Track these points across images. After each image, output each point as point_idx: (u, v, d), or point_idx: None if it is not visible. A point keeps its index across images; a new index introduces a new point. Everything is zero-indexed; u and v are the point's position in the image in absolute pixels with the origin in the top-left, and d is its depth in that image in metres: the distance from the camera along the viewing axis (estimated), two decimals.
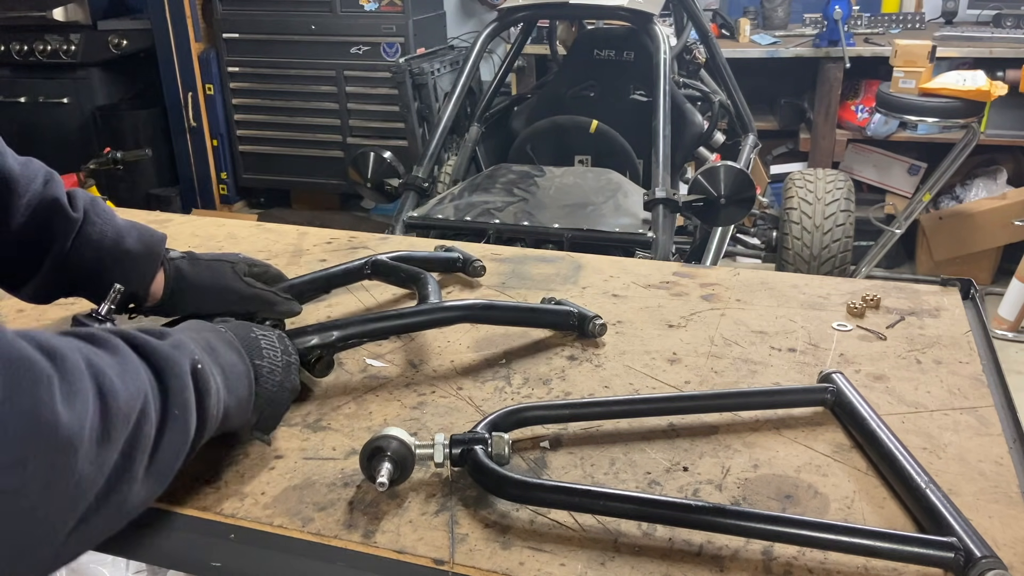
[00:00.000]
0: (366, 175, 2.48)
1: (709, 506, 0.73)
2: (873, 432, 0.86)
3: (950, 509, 0.73)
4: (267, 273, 1.16)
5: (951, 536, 0.70)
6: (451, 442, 0.81)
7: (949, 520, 0.72)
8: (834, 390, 0.93)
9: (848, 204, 3.13)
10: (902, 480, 0.79)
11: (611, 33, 3.09)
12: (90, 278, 1.00)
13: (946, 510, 0.73)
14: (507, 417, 0.87)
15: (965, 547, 0.69)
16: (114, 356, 0.64)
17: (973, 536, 0.70)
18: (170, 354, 0.69)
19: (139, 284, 1.03)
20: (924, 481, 0.77)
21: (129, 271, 1.01)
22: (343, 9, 4.40)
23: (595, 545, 0.74)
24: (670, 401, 0.94)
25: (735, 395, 0.94)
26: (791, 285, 1.26)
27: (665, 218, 2.22)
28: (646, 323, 1.16)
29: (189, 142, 4.84)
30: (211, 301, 1.06)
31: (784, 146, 4.51)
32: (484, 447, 0.81)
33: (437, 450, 0.81)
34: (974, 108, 3.30)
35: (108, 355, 0.63)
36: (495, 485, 0.78)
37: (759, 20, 4.43)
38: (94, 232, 0.99)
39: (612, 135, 2.80)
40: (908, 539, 0.70)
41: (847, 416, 0.91)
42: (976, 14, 4.22)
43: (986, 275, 3.95)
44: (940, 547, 0.69)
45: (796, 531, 0.72)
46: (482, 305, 1.08)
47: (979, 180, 4.05)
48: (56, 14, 4.56)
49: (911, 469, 0.79)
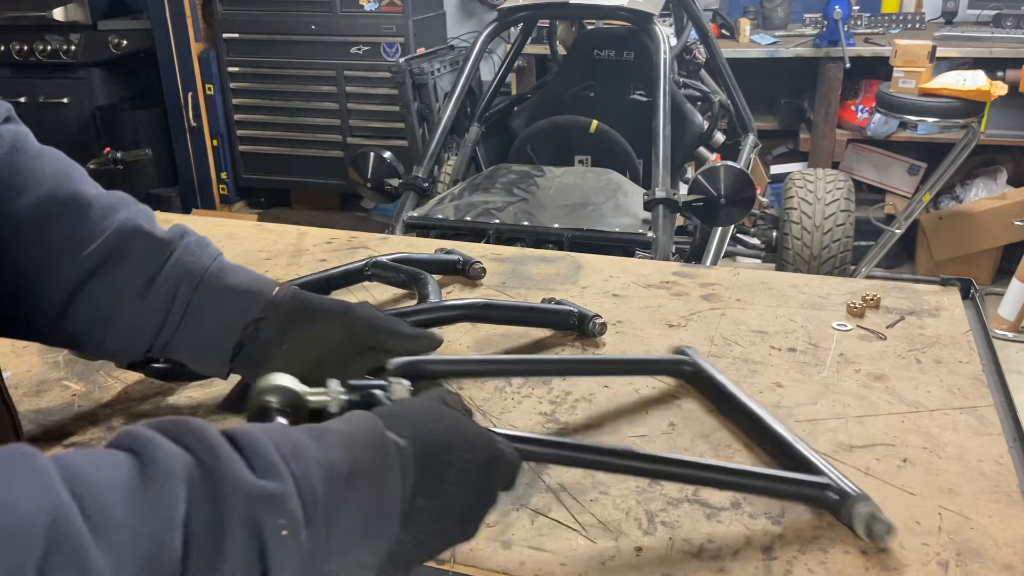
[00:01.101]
0: (366, 175, 2.48)
1: (618, 449, 0.79)
2: (734, 396, 0.92)
3: (818, 458, 0.82)
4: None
5: (822, 477, 0.78)
6: (349, 388, 0.72)
7: (820, 467, 0.80)
8: (692, 362, 0.98)
9: (848, 204, 3.13)
10: (771, 437, 0.87)
11: (611, 33, 3.09)
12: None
13: (815, 459, 0.81)
14: (403, 368, 0.81)
15: (838, 488, 0.76)
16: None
17: (842, 479, 0.78)
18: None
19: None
20: (792, 436, 0.85)
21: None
22: (343, 9, 4.40)
23: (595, 545, 0.74)
24: (543, 364, 0.96)
25: (603, 361, 1.00)
26: (791, 285, 1.26)
27: (665, 218, 2.22)
28: (646, 323, 1.16)
29: (189, 142, 4.84)
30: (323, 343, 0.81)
31: (784, 146, 4.51)
32: (385, 392, 0.72)
33: (332, 400, 0.70)
34: (974, 108, 3.30)
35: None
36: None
37: (759, 20, 4.43)
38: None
39: (612, 135, 2.80)
40: (794, 481, 0.79)
41: (707, 385, 0.97)
42: (976, 14, 4.22)
43: (986, 275, 3.95)
44: (820, 487, 0.77)
45: (699, 473, 0.78)
46: (482, 304, 1.08)
47: (979, 180, 4.05)
48: (56, 14, 4.55)
49: (778, 427, 0.87)
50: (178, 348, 0.80)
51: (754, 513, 0.78)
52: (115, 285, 0.77)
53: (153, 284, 0.78)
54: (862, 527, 0.73)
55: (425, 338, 0.82)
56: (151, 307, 0.78)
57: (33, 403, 0.98)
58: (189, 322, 0.79)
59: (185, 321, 0.79)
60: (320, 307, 0.81)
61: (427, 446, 0.58)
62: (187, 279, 0.79)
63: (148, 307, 0.78)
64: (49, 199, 0.77)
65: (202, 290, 0.79)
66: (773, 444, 0.86)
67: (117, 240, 0.78)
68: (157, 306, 0.78)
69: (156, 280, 0.78)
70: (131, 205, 0.82)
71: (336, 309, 0.81)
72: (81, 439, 0.91)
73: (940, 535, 0.74)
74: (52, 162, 0.80)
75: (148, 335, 0.79)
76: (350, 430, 0.56)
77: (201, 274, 0.79)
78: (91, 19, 4.63)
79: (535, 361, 0.95)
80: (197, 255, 0.80)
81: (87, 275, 0.77)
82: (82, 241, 0.77)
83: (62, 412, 0.96)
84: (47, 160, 0.79)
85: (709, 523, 0.77)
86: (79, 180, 0.80)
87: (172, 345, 0.80)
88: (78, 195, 0.78)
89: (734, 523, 0.77)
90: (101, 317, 0.78)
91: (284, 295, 0.81)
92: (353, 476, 0.52)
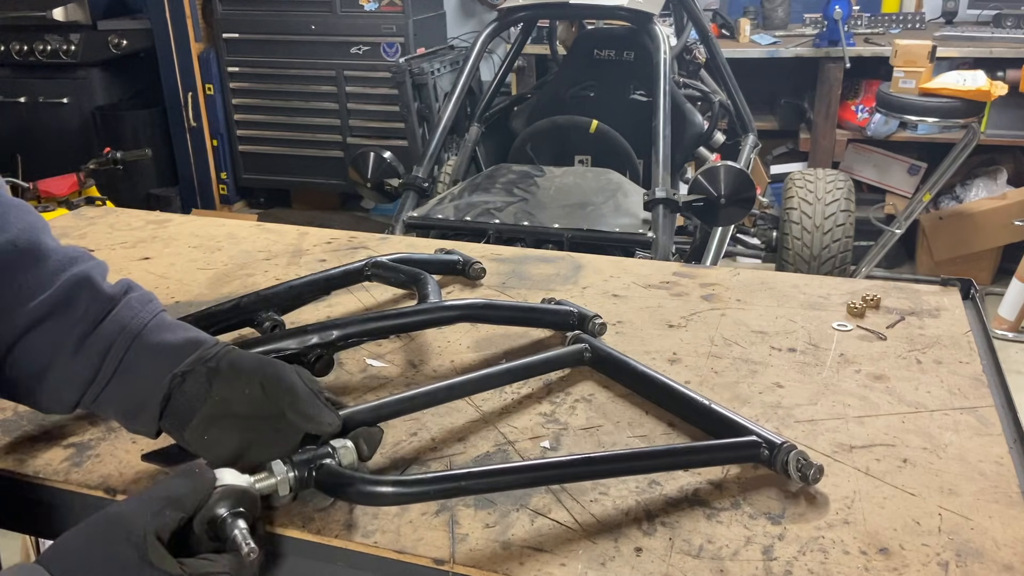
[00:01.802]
0: (366, 175, 2.49)
1: (563, 460, 0.80)
2: (643, 373, 0.96)
3: (738, 416, 0.86)
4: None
5: (751, 436, 0.83)
6: (292, 464, 0.74)
7: (744, 424, 0.84)
8: (589, 347, 1.01)
9: (848, 204, 3.13)
10: (687, 404, 0.91)
11: (611, 33, 3.10)
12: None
13: (736, 417, 0.86)
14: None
15: (766, 440, 0.81)
16: None
17: (765, 431, 0.83)
18: None
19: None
20: (707, 400, 0.89)
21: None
22: (343, 9, 4.40)
23: (595, 545, 0.74)
24: (470, 383, 0.93)
25: (504, 372, 0.96)
26: (791, 285, 1.26)
27: (665, 218, 2.22)
28: (646, 323, 1.16)
29: (189, 142, 4.84)
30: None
31: (784, 146, 4.51)
32: (333, 459, 0.75)
33: (280, 481, 0.72)
34: (974, 108, 3.30)
35: None
36: (361, 494, 0.74)
37: (759, 20, 4.43)
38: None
39: (612, 135, 2.80)
40: (727, 446, 0.83)
41: (609, 367, 1.00)
42: (976, 14, 4.22)
43: (986, 275, 3.95)
44: (750, 447, 0.82)
45: (643, 463, 0.81)
46: (482, 304, 1.08)
47: (979, 180, 4.05)
48: (56, 14, 4.56)
49: (692, 394, 0.91)
50: (107, 404, 0.79)
51: (754, 513, 0.78)
52: (55, 336, 0.78)
53: (88, 338, 0.78)
54: (795, 471, 0.79)
55: (320, 423, 0.76)
56: (83, 361, 0.78)
57: None
58: (119, 378, 0.78)
59: (116, 377, 0.78)
60: (242, 364, 0.77)
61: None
62: (123, 335, 0.78)
63: (80, 361, 0.78)
64: (9, 245, 0.78)
65: (136, 347, 0.78)
66: (697, 414, 0.90)
67: (66, 291, 0.78)
68: (89, 360, 0.78)
69: (92, 335, 0.78)
70: (88, 259, 0.83)
71: (253, 367, 0.77)
72: (80, 439, 0.91)
73: (940, 535, 0.74)
74: (19, 212, 0.81)
75: (78, 388, 0.78)
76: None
77: (137, 331, 0.79)
78: (91, 19, 4.64)
79: (456, 385, 0.93)
80: (136, 311, 0.80)
81: (32, 324, 0.77)
82: (34, 290, 0.78)
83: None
84: (14, 211, 0.81)
85: (709, 523, 0.76)
86: (41, 231, 0.81)
87: (101, 401, 0.79)
88: (37, 245, 0.79)
89: (734, 523, 0.76)
90: (37, 368, 0.78)
91: (216, 351, 0.79)
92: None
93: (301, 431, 0.76)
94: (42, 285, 0.78)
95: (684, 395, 0.92)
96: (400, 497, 0.74)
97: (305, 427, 0.76)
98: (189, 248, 1.45)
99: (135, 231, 1.54)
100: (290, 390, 0.76)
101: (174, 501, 0.64)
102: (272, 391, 0.76)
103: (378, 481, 0.73)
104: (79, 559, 0.60)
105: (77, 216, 1.63)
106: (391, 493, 0.73)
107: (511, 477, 0.78)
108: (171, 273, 1.34)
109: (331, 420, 0.76)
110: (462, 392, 0.92)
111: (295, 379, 0.77)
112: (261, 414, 0.76)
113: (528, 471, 0.79)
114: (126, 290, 0.82)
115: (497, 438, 0.90)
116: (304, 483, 0.74)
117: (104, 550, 0.61)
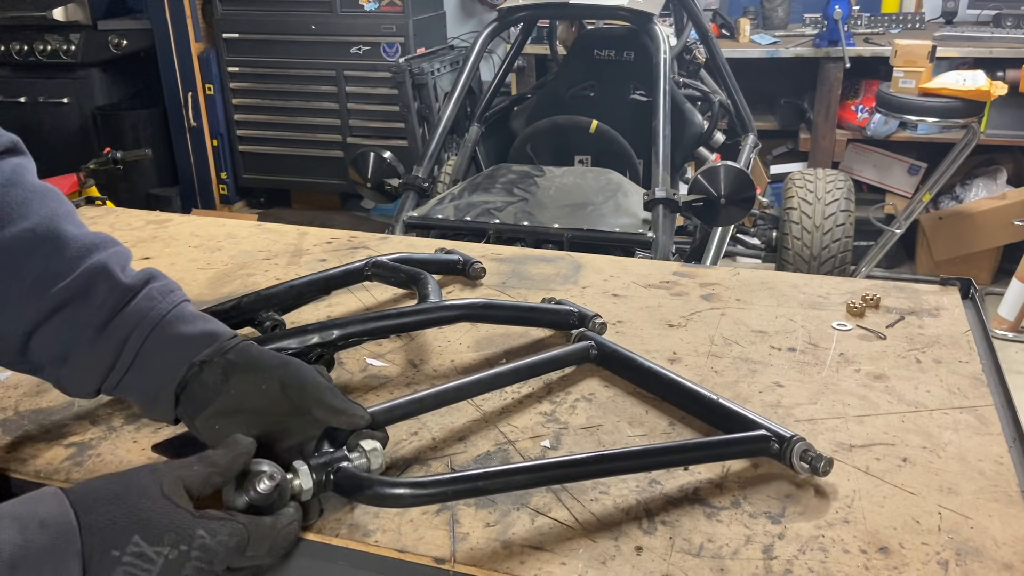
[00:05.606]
0: (366, 175, 2.49)
1: (562, 461, 0.78)
2: (650, 369, 0.96)
3: (746, 410, 0.87)
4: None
5: (761, 430, 0.83)
6: (311, 468, 0.74)
7: (752, 419, 0.85)
8: (595, 344, 1.01)
9: (848, 204, 3.14)
10: (694, 399, 0.91)
11: (611, 33, 3.10)
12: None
13: (745, 411, 0.86)
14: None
15: (775, 434, 0.82)
16: None
17: (774, 425, 0.83)
18: None
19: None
20: (715, 395, 0.89)
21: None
22: (343, 9, 4.40)
23: (595, 544, 0.74)
24: (478, 384, 0.93)
25: (511, 372, 0.95)
26: (791, 285, 1.26)
27: (665, 218, 2.23)
28: (646, 323, 1.16)
29: (189, 142, 4.84)
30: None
31: (784, 146, 4.51)
32: (352, 463, 0.76)
33: (303, 479, 0.73)
34: (974, 108, 3.30)
35: None
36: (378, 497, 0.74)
37: (759, 20, 4.43)
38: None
39: (612, 135, 2.80)
40: (737, 441, 0.83)
41: (615, 363, 1.00)
42: (976, 14, 4.23)
43: (986, 275, 3.96)
44: (759, 440, 0.82)
45: (655, 459, 0.81)
46: (482, 304, 1.08)
47: (979, 180, 4.05)
48: (56, 14, 4.56)
49: (699, 389, 0.91)
50: (127, 390, 0.81)
51: (754, 513, 0.78)
52: (75, 324, 0.78)
53: (106, 328, 0.79)
54: (803, 464, 0.80)
55: (353, 416, 0.77)
56: (102, 350, 0.79)
57: (33, 403, 0.98)
58: (138, 367, 0.79)
59: (134, 366, 0.79)
60: (262, 360, 0.79)
61: (103, 531, 0.61)
62: (141, 325, 0.79)
63: (99, 350, 0.79)
64: (29, 232, 0.79)
65: (153, 337, 0.79)
66: (705, 409, 0.90)
67: (84, 280, 0.79)
68: (108, 350, 0.79)
69: (109, 324, 0.79)
70: (110, 246, 0.83)
71: (275, 364, 0.78)
72: (81, 439, 0.91)
73: (940, 535, 0.74)
74: (42, 199, 0.82)
75: (99, 376, 0.80)
76: (25, 512, 0.59)
77: (155, 321, 0.80)
78: (91, 19, 4.64)
79: (464, 386, 0.92)
80: (156, 302, 0.81)
81: (52, 311, 0.78)
82: (53, 277, 0.78)
83: (62, 412, 0.96)
84: (38, 195, 0.81)
85: (709, 523, 0.77)
86: (64, 218, 0.82)
87: (122, 387, 0.80)
88: (58, 232, 0.80)
89: (734, 523, 0.77)
90: (59, 354, 0.79)
91: (234, 344, 0.80)
92: (17, 564, 0.56)
93: (317, 429, 0.77)
94: (61, 273, 0.79)
95: (692, 390, 0.92)
96: (418, 499, 0.74)
97: (334, 421, 0.76)
98: (189, 248, 1.45)
99: (135, 231, 1.54)
100: (316, 386, 0.77)
101: (206, 458, 0.68)
102: (294, 388, 0.76)
103: (396, 483, 0.74)
104: (103, 484, 0.64)
105: None
106: (409, 495, 0.73)
107: (527, 476, 0.77)
108: (171, 273, 1.32)
109: (362, 413, 0.78)
110: (471, 393, 0.92)
111: (318, 377, 0.78)
112: (275, 410, 0.77)
113: (542, 470, 0.78)
114: (147, 280, 0.82)
115: (497, 437, 0.90)
116: (323, 486, 0.75)
117: (127, 479, 0.65)
